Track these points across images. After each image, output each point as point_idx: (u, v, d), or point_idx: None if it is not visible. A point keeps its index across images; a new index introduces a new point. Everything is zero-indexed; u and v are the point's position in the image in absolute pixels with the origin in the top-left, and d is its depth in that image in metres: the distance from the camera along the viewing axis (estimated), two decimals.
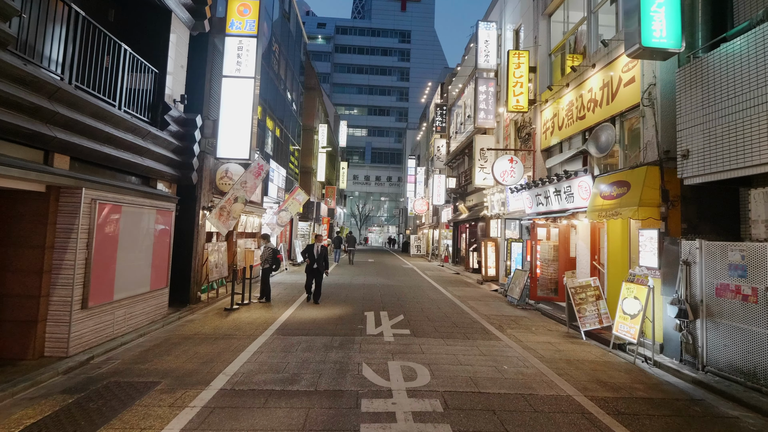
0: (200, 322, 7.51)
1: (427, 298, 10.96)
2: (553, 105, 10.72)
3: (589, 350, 6.55)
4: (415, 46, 76.81)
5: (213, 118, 9.19)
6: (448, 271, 19.63)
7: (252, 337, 6.47)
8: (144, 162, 7.00)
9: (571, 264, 10.08)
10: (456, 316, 8.63)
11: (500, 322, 8.32)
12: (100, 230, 5.63)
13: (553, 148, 10.96)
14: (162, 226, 7.36)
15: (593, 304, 7.52)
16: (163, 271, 7.40)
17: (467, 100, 20.18)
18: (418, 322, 7.93)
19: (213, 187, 9.63)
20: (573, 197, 8.77)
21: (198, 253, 8.99)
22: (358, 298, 10.53)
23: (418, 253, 32.12)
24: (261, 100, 13.70)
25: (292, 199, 14.34)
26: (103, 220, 5.68)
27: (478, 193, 18.32)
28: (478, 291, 12.89)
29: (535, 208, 10.71)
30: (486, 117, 15.62)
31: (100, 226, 5.64)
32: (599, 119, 8.47)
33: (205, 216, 8.93)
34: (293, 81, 19.71)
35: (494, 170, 11.59)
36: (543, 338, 7.15)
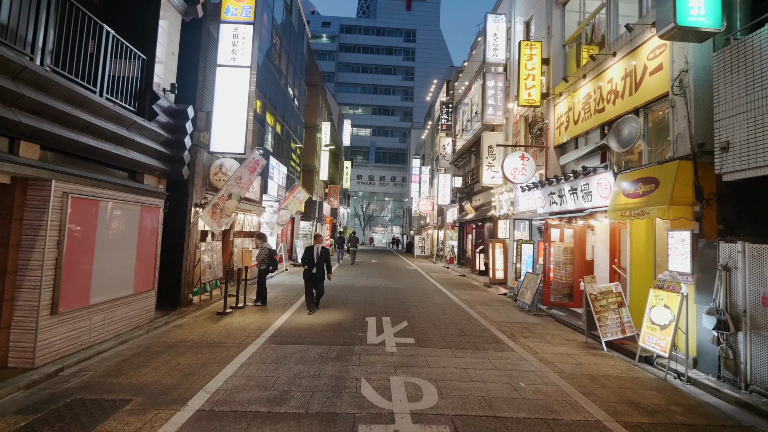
0: (189, 327, 6.97)
1: (432, 302, 10.37)
2: (567, 98, 10.10)
3: (613, 363, 5.93)
4: (420, 46, 76.20)
5: (206, 109, 8.65)
6: (454, 273, 19.02)
7: (242, 346, 5.91)
8: (128, 154, 6.46)
9: (587, 267, 9.46)
10: (464, 323, 8.03)
11: (512, 329, 7.71)
12: (73, 227, 5.09)
13: (568, 144, 10.34)
14: (148, 223, 6.82)
15: (615, 311, 6.91)
16: (149, 272, 6.86)
17: (474, 96, 19.57)
18: (424, 329, 7.35)
19: (207, 183, 9.10)
20: (591, 196, 8.16)
21: (190, 253, 8.45)
22: (359, 301, 9.96)
23: (423, 254, 31.52)
24: (260, 95, 13.17)
25: (293, 198, 13.80)
26: (77, 215, 5.14)
27: (485, 193, 17.71)
28: (485, 295, 12.28)
29: (547, 207, 10.10)
30: (494, 113, 15.01)
31: (74, 223, 5.10)
32: (621, 111, 7.85)
33: (198, 213, 8.39)
34: (295, 77, 19.18)
35: (504, 167, 10.98)
36: (560, 349, 6.54)
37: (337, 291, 11.49)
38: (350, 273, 16.65)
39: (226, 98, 8.67)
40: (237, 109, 8.65)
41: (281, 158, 16.46)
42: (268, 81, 14.32)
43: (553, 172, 10.59)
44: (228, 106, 8.66)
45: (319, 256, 8.50)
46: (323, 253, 8.62)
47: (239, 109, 8.65)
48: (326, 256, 8.63)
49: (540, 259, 10.89)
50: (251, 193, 12.11)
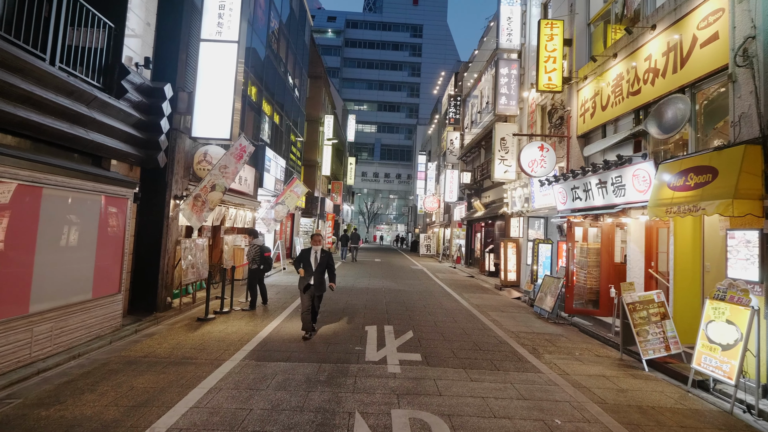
0: (160, 337, 6.03)
1: (440, 307, 9.38)
2: (594, 82, 9.04)
3: (661, 390, 4.92)
4: (427, 41, 74.97)
5: (188, 90, 7.70)
6: (461, 273, 18.00)
7: (215, 363, 4.96)
8: (89, 135, 5.52)
9: (616, 271, 8.42)
10: (477, 334, 7.03)
11: (533, 342, 6.71)
12: (1, 218, 4.15)
13: (594, 132, 9.29)
14: (113, 217, 5.88)
15: (657, 325, 5.88)
16: (113, 273, 5.92)
17: (484, 88, 18.50)
18: (432, 342, 6.36)
19: (190, 172, 8.15)
20: (624, 189, 7.12)
21: (168, 251, 7.51)
22: (359, 306, 8.98)
23: (428, 253, 30.51)
24: (256, 80, 12.23)
25: (290, 192, 12.85)
26: (8, 205, 4.20)
27: (496, 189, 16.66)
28: (497, 299, 11.27)
29: (569, 203, 9.06)
30: (508, 102, 13.96)
31: (4, 213, 4.16)
32: (662, 92, 6.80)
33: (178, 207, 7.45)
34: (295, 65, 18.21)
35: (521, 160, 9.94)
36: (594, 369, 5.53)
37: (336, 294, 10.52)
38: (352, 272, 15.69)
39: (211, 77, 7.71)
40: (222, 90, 7.69)
41: (279, 150, 15.51)
42: (266, 67, 13.36)
43: (576, 165, 9.55)
44: (213, 86, 7.70)
45: (318, 262, 6.40)
46: (324, 257, 6.46)
47: (225, 89, 7.69)
48: (328, 261, 6.51)
49: (560, 260, 9.88)
50: (244, 186, 11.18)
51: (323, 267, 6.46)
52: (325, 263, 6.47)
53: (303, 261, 6.42)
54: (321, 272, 6.44)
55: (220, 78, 7.71)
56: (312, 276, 6.35)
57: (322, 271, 6.45)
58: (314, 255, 6.45)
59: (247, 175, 11.25)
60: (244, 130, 11.61)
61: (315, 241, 6.64)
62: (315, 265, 6.39)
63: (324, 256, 6.47)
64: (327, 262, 6.49)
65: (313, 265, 6.39)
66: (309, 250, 6.53)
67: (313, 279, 6.35)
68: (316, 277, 6.38)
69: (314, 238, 6.67)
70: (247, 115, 11.77)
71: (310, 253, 6.46)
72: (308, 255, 6.45)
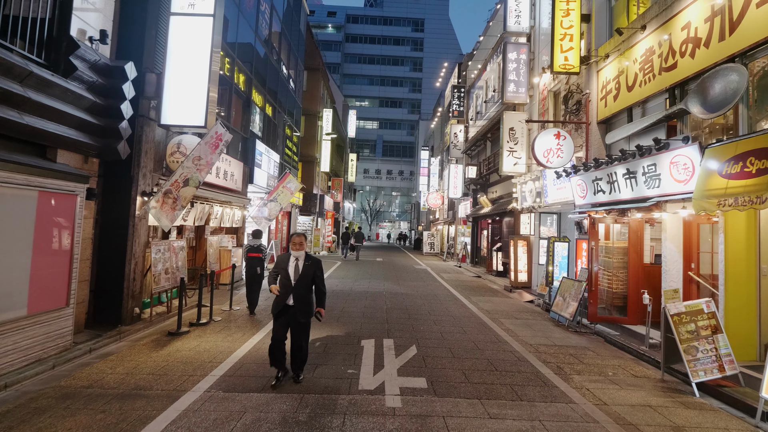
0: (117, 358, 5.10)
1: (446, 314, 8.42)
2: (617, 60, 8.04)
3: (725, 425, 3.95)
4: (429, 35, 73.80)
5: (158, 71, 6.76)
6: (468, 273, 17.04)
7: (173, 396, 4.02)
8: (23, 119, 4.58)
9: (646, 273, 7.43)
10: (491, 348, 6.08)
11: (556, 358, 5.75)
12: None
13: (617, 117, 8.29)
14: (57, 216, 4.95)
15: (708, 340, 4.90)
16: (58, 284, 4.99)
17: (490, 77, 17.49)
18: (439, 360, 5.41)
19: (162, 166, 7.22)
20: (659, 180, 6.14)
21: (136, 256, 6.59)
22: (356, 314, 8.04)
23: (432, 251, 29.54)
24: (244, 67, 11.28)
25: (282, 188, 11.91)
26: None
27: (504, 183, 15.68)
28: (508, 302, 10.31)
29: (590, 197, 8.08)
30: (516, 90, 12.95)
31: None
32: (705, 65, 5.82)
33: (146, 204, 6.51)
34: (290, 55, 17.24)
35: (535, 149, 8.95)
36: (635, 395, 4.56)
37: (331, 299, 9.57)
38: (351, 274, 14.75)
39: (183, 56, 6.77)
40: (196, 71, 6.75)
41: (273, 144, 14.57)
42: (255, 54, 12.40)
43: (596, 154, 8.56)
44: (185, 66, 6.76)
45: (300, 274, 4.48)
46: (309, 268, 4.54)
47: (199, 70, 6.75)
48: (315, 272, 4.57)
49: (579, 261, 8.90)
50: (231, 181, 10.25)
51: (307, 281, 4.49)
52: (310, 276, 4.51)
53: (278, 272, 4.55)
54: (304, 288, 4.47)
55: (194, 57, 6.77)
56: (290, 294, 4.42)
57: (305, 287, 4.48)
58: (294, 264, 4.51)
59: (233, 169, 10.32)
60: (231, 121, 10.67)
61: (295, 244, 4.61)
62: (295, 278, 4.44)
63: (309, 265, 4.53)
64: (313, 274, 4.53)
65: (293, 277, 4.44)
66: (286, 256, 4.59)
67: (292, 299, 4.41)
68: (298, 296, 4.41)
69: (294, 241, 4.62)
70: (233, 105, 10.83)
71: (289, 262, 4.52)
72: (285, 263, 4.53)
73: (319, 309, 4.57)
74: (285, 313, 4.44)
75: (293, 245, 4.62)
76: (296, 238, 4.66)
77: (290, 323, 4.44)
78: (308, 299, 4.54)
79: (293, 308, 4.43)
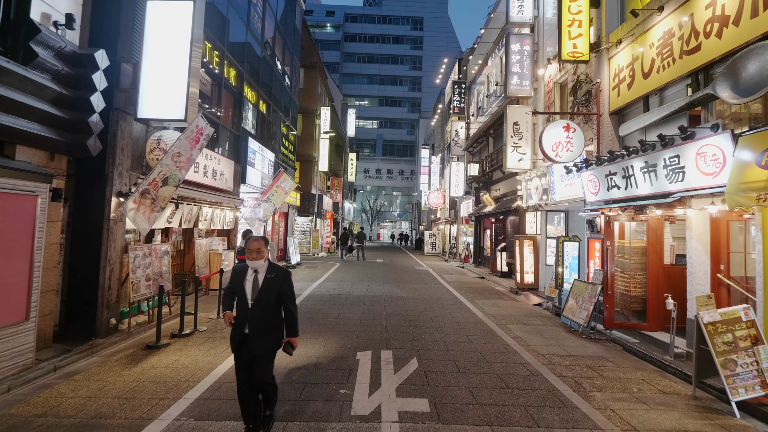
0: (83, 377, 4.56)
1: (450, 320, 7.87)
2: (630, 46, 7.48)
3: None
4: (428, 34, 73.30)
5: (134, 60, 6.22)
6: (471, 274, 16.48)
7: (135, 427, 3.48)
8: None
9: (666, 275, 6.87)
10: (500, 361, 5.52)
11: (573, 372, 5.19)
12: None
13: (631, 107, 7.73)
14: (14, 220, 4.41)
15: (748, 352, 4.34)
16: (14, 296, 4.44)
17: (491, 72, 16.93)
18: (443, 376, 4.86)
19: (142, 164, 6.69)
20: (683, 173, 5.58)
21: (111, 262, 6.05)
22: (353, 321, 7.49)
23: (433, 252, 28.98)
24: (235, 61, 10.75)
25: (276, 187, 11.37)
26: None
27: (507, 180, 15.11)
28: (515, 306, 9.75)
29: (603, 194, 7.53)
30: (520, 82, 12.40)
31: None
32: (734, 45, 5.26)
33: (120, 205, 5.98)
34: (285, 51, 16.70)
35: (543, 143, 8.39)
36: (667, 417, 4.00)
37: (327, 304, 9.04)
38: (350, 276, 14.20)
39: (161, 44, 6.23)
40: (176, 60, 6.21)
41: (267, 143, 14.03)
42: (247, 48, 11.87)
43: (608, 147, 8.00)
44: (164, 55, 6.22)
45: (259, 292, 3.34)
46: (272, 283, 3.37)
47: (179, 59, 6.21)
48: (282, 288, 3.39)
49: (591, 262, 8.34)
50: (221, 181, 9.71)
51: (270, 301, 3.31)
52: (274, 293, 3.32)
53: (234, 289, 3.39)
54: (265, 311, 3.30)
55: (173, 46, 6.23)
56: (246, 321, 3.28)
57: (268, 310, 3.31)
58: (252, 278, 3.32)
59: (223, 168, 9.78)
60: (221, 117, 10.15)
61: (252, 251, 3.31)
62: (252, 298, 3.29)
63: (273, 279, 3.34)
64: (279, 291, 3.34)
65: (249, 296, 3.30)
66: (243, 268, 3.40)
67: (249, 326, 3.27)
68: (255, 321, 3.27)
69: (251, 247, 3.32)
70: (224, 100, 10.30)
71: (246, 276, 3.34)
72: (241, 278, 3.35)
73: (290, 339, 3.39)
74: (243, 345, 3.30)
75: (249, 253, 3.32)
76: (253, 244, 3.34)
77: (251, 362, 3.29)
78: (271, 326, 3.34)
79: (250, 337, 3.27)
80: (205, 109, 9.17)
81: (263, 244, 3.36)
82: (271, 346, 3.35)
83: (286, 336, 3.42)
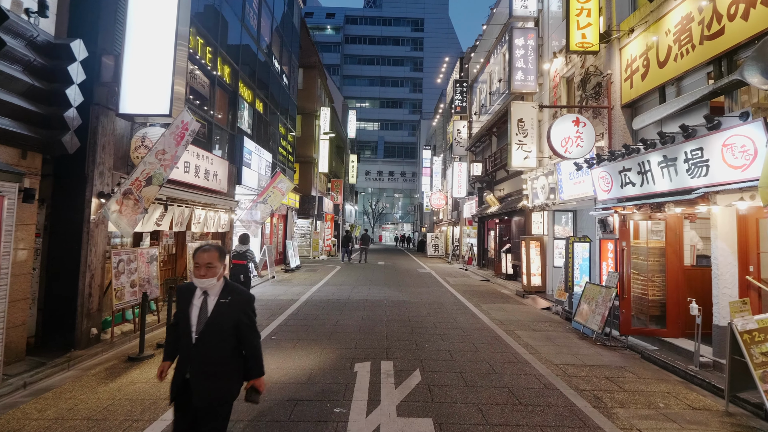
0: (54, 395, 4.16)
1: (455, 326, 7.44)
2: (644, 34, 7.07)
3: None
4: (429, 35, 73.07)
5: (116, 52, 5.84)
6: (475, 277, 16.04)
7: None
8: None
9: (687, 277, 6.42)
10: (510, 372, 5.09)
11: (590, 384, 4.75)
12: None
13: (646, 99, 7.31)
14: None
15: None
16: None
17: (494, 69, 16.53)
18: (448, 390, 4.43)
19: (127, 162, 6.30)
20: (707, 167, 5.15)
21: (92, 267, 5.65)
22: (352, 328, 7.07)
23: (436, 254, 28.53)
24: (228, 58, 10.38)
25: (273, 188, 10.97)
26: None
27: (512, 180, 14.68)
28: (523, 310, 9.31)
29: (616, 191, 7.10)
30: (525, 78, 12.00)
31: None
32: (761, 28, 4.84)
33: (101, 206, 5.58)
34: (282, 50, 16.35)
35: (551, 138, 7.97)
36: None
37: (325, 310, 8.62)
38: (351, 279, 13.77)
39: (145, 35, 5.84)
40: (160, 51, 5.82)
41: (264, 143, 13.65)
42: (242, 45, 11.51)
43: (620, 142, 7.58)
44: (147, 46, 5.84)
45: (208, 323, 2.39)
46: (227, 311, 2.42)
47: (163, 50, 5.82)
48: (240, 317, 2.44)
49: (603, 263, 7.90)
50: (214, 182, 9.32)
51: (221, 334, 2.41)
52: (229, 324, 2.42)
53: (178, 315, 2.48)
54: (214, 348, 2.39)
55: (157, 36, 5.84)
56: (188, 361, 2.40)
57: (218, 346, 2.40)
58: (199, 304, 2.42)
59: (217, 168, 9.39)
60: (214, 116, 9.77)
61: (200, 266, 2.39)
62: (198, 330, 2.38)
63: (227, 305, 2.43)
64: (236, 321, 2.43)
65: (194, 327, 2.39)
66: (189, 289, 2.47)
67: (191, 369, 2.37)
68: (201, 361, 2.37)
69: (198, 260, 2.39)
70: (217, 98, 9.92)
71: (191, 300, 2.43)
72: (186, 303, 2.44)
73: (253, 382, 2.45)
74: (183, 395, 2.37)
75: (197, 269, 2.36)
76: (202, 256, 2.38)
77: (193, 417, 2.35)
78: (223, 368, 2.38)
79: (192, 382, 2.34)
80: (196, 106, 8.79)
81: (216, 257, 2.39)
82: (221, 396, 2.35)
83: (246, 378, 2.46)
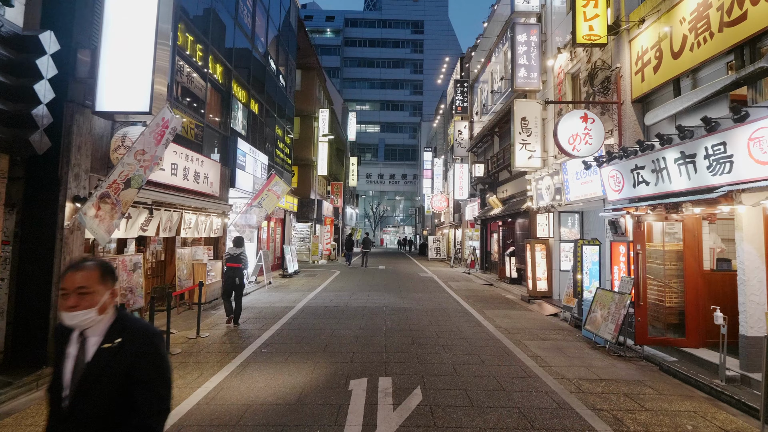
0: (14, 421, 3.74)
1: (458, 336, 7.01)
2: (655, 24, 6.67)
3: None
4: (429, 37, 72.91)
5: (92, 46, 5.46)
6: (478, 281, 15.60)
7: None
8: None
9: (707, 283, 5.98)
10: (520, 389, 4.66)
11: (608, 402, 4.32)
12: None
13: (659, 93, 6.90)
14: None
15: None
16: None
17: (495, 68, 16.15)
18: (453, 413, 4.00)
19: (105, 164, 5.90)
20: (730, 163, 4.74)
21: None
22: (348, 339, 6.64)
23: (438, 257, 28.09)
24: (219, 56, 10.01)
25: (267, 191, 10.58)
26: None
27: (515, 181, 14.27)
28: (529, 316, 8.87)
29: (628, 191, 6.67)
30: (528, 75, 11.61)
31: None
32: None
33: (76, 211, 5.19)
34: (279, 50, 16.00)
35: (558, 135, 7.56)
36: None
37: (321, 318, 8.20)
38: (350, 285, 13.35)
39: (123, 27, 5.45)
40: (139, 44, 5.43)
41: (259, 145, 13.27)
42: (235, 44, 11.14)
43: (631, 138, 7.17)
44: (125, 39, 5.45)
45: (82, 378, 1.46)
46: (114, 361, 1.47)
47: (143, 43, 5.44)
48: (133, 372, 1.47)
49: (615, 267, 7.48)
50: (205, 185, 8.92)
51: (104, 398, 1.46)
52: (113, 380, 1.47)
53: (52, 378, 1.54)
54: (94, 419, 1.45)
55: (136, 28, 5.45)
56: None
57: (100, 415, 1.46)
58: (75, 351, 1.52)
59: (208, 170, 9.00)
60: (205, 116, 9.39)
61: (69, 292, 1.48)
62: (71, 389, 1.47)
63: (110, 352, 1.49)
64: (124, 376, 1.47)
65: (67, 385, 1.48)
66: (63, 332, 1.55)
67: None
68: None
69: (66, 284, 1.48)
70: (209, 98, 9.55)
71: (65, 347, 1.53)
72: (60, 351, 1.54)
73: None
74: None
75: (64, 298, 1.49)
76: (71, 278, 1.50)
77: None
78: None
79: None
80: (184, 105, 8.42)
81: (95, 278, 1.52)
82: None
83: None
